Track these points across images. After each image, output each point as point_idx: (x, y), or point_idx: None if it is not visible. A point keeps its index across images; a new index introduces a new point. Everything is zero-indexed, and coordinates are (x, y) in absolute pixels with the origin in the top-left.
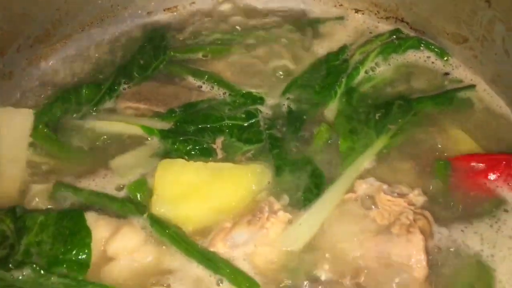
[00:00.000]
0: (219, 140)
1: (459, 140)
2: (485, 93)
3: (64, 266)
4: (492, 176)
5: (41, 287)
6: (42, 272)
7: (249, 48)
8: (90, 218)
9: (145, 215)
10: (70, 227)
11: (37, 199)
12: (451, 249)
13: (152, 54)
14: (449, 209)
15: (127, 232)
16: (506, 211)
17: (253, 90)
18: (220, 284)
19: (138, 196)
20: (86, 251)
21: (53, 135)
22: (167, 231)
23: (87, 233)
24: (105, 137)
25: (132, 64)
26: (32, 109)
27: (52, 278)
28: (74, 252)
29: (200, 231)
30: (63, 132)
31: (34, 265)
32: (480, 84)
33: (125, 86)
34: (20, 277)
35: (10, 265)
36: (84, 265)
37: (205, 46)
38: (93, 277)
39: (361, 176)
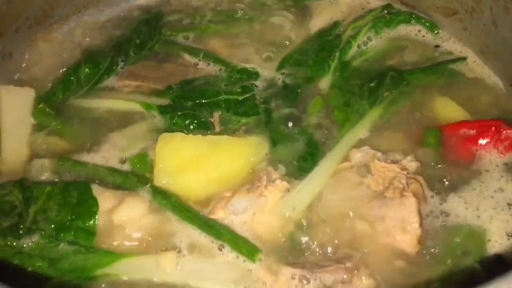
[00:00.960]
0: (216, 114)
1: (450, 109)
2: (475, 64)
3: (72, 233)
4: (482, 141)
5: (50, 253)
6: (50, 238)
7: (243, 25)
8: (95, 190)
9: (147, 186)
10: (76, 196)
11: (41, 173)
12: (442, 212)
13: (148, 34)
14: (440, 175)
15: (131, 202)
16: (487, 171)
17: (248, 66)
18: (222, 249)
19: (140, 168)
20: (93, 219)
21: (54, 113)
22: (169, 200)
23: (94, 202)
24: (105, 114)
25: (128, 44)
26: (33, 89)
27: (61, 244)
28: (81, 220)
29: (201, 202)
30: (64, 111)
31: (43, 232)
32: (469, 55)
33: (123, 65)
34: (30, 244)
35: (20, 232)
36: (91, 233)
37: (200, 24)
38: (100, 246)
39: (356, 146)
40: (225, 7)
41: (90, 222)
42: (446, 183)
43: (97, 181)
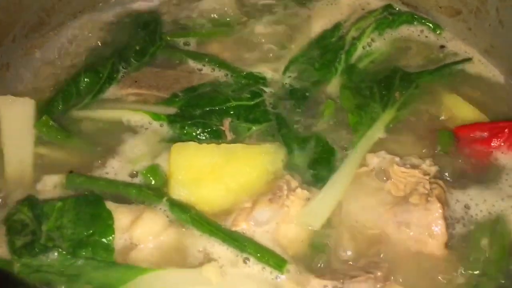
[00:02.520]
0: (227, 122)
1: (461, 110)
2: (480, 63)
3: (90, 248)
4: (495, 143)
5: (68, 270)
6: (68, 255)
7: (247, 27)
8: (110, 206)
9: (164, 200)
10: (89, 211)
11: (50, 189)
12: (464, 215)
13: (148, 39)
14: (457, 177)
15: (149, 217)
16: (504, 171)
17: (254, 70)
18: (247, 262)
19: (153, 181)
20: (109, 233)
21: (57, 125)
22: (188, 214)
23: (108, 215)
24: (111, 125)
25: (128, 50)
26: (32, 100)
27: (79, 261)
28: (97, 234)
29: (219, 213)
30: (67, 123)
31: (60, 249)
32: (474, 55)
33: (124, 72)
34: (47, 261)
35: (36, 250)
36: (109, 247)
37: (201, 28)
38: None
39: (372, 150)
40: (226, 10)
41: (107, 236)
42: (464, 185)
43: (110, 197)
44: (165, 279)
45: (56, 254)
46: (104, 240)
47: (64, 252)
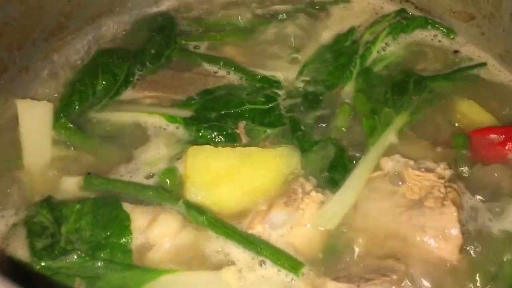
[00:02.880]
0: (241, 125)
1: (475, 115)
2: (494, 68)
3: (108, 250)
4: (510, 147)
5: (87, 272)
6: (87, 258)
7: (260, 31)
8: (127, 208)
9: (180, 202)
10: (107, 213)
11: (69, 191)
12: (479, 218)
13: (163, 42)
14: (472, 181)
15: (165, 218)
16: None
17: (268, 74)
18: (263, 265)
19: (169, 183)
20: (127, 234)
21: (75, 127)
22: (204, 216)
23: (126, 216)
24: (127, 127)
25: (144, 54)
26: (51, 102)
27: (98, 263)
28: (115, 236)
29: (235, 215)
30: (84, 125)
31: (79, 252)
32: (488, 60)
33: (140, 75)
34: (66, 264)
35: (56, 252)
36: (127, 249)
37: (216, 32)
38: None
39: (386, 154)
40: (240, 14)
41: (125, 238)
42: (478, 189)
43: (128, 198)
44: (183, 281)
45: (75, 256)
46: (121, 242)
47: (83, 255)
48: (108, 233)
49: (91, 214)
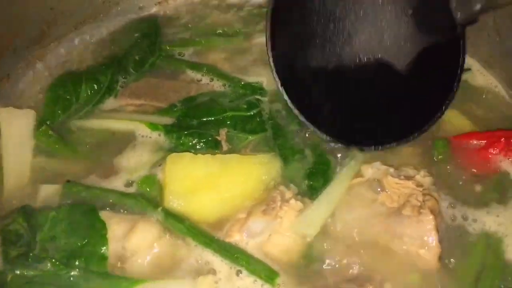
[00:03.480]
0: (223, 132)
1: (457, 121)
2: (479, 73)
3: (83, 259)
4: (492, 153)
5: (61, 282)
6: (61, 266)
7: (245, 37)
8: (105, 216)
9: (159, 209)
10: (83, 221)
11: (47, 199)
12: (458, 226)
13: (148, 49)
14: (453, 188)
15: (143, 227)
16: (506, 184)
17: (251, 81)
18: (240, 275)
19: (149, 191)
20: (103, 242)
21: (57, 135)
22: (182, 224)
23: (102, 225)
24: (108, 135)
25: (127, 61)
26: (33, 109)
27: (73, 271)
28: (90, 245)
29: (214, 223)
30: (66, 132)
31: (53, 260)
32: (474, 65)
33: (123, 83)
34: (41, 273)
35: (30, 260)
36: (103, 258)
37: (200, 38)
38: (114, 273)
39: (367, 161)
40: (225, 19)
41: (101, 246)
42: (460, 196)
43: (106, 206)
44: None
45: (49, 265)
46: (97, 250)
47: (57, 263)
48: (84, 242)
49: (66, 221)
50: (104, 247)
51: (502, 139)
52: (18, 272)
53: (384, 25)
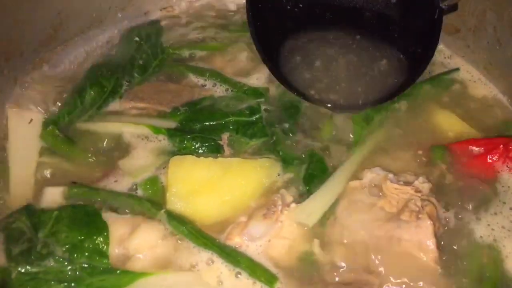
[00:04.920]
0: (225, 136)
1: (456, 127)
2: (479, 81)
3: (86, 253)
4: (490, 159)
5: (66, 277)
6: (65, 262)
7: (248, 42)
8: (108, 217)
9: (162, 212)
10: (85, 218)
11: (52, 200)
12: (457, 232)
13: (151, 53)
14: (451, 194)
15: (146, 228)
16: (504, 191)
17: (254, 85)
18: (239, 276)
19: (151, 193)
20: (103, 238)
21: (63, 137)
22: (184, 227)
23: (103, 224)
24: (113, 138)
25: (132, 65)
26: (39, 112)
27: (76, 266)
28: (92, 240)
29: (215, 225)
30: (71, 134)
31: (57, 257)
32: (472, 72)
33: (127, 86)
34: (44, 268)
35: (33, 257)
36: (104, 253)
37: (204, 43)
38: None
39: (367, 166)
40: (228, 25)
41: (101, 241)
42: (458, 202)
43: (110, 208)
44: (163, 283)
45: (52, 261)
46: (99, 246)
47: (60, 259)
48: (84, 237)
49: (68, 218)
50: (106, 242)
51: (500, 146)
52: (21, 268)
53: None
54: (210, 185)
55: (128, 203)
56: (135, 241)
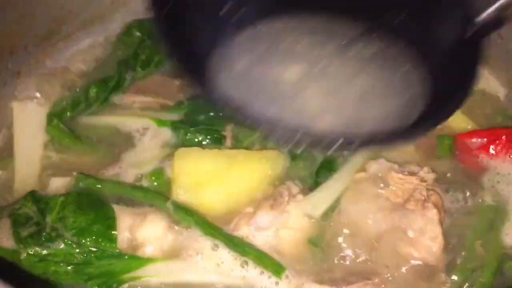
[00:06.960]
0: (229, 128)
1: (458, 120)
2: (481, 75)
3: (93, 237)
4: (493, 150)
5: (74, 259)
6: (72, 244)
7: None
8: (115, 208)
9: (168, 202)
10: (91, 204)
11: (56, 191)
12: (460, 222)
13: (154, 48)
14: (456, 184)
15: (153, 219)
16: (502, 179)
17: None
18: (245, 266)
19: (157, 185)
20: (111, 224)
21: (67, 129)
22: (191, 217)
23: (109, 209)
24: (117, 131)
25: (134, 60)
26: (43, 106)
27: (84, 249)
28: (99, 223)
29: (220, 217)
30: (75, 128)
31: (66, 240)
32: None
33: (130, 81)
34: (53, 251)
35: (43, 239)
36: (112, 239)
37: None
38: None
39: (372, 157)
40: None
41: (109, 225)
42: (462, 192)
43: (116, 199)
44: (170, 268)
45: (62, 243)
46: (106, 231)
47: (69, 242)
48: (91, 221)
49: (74, 204)
50: (113, 226)
51: (503, 137)
52: (31, 250)
53: None
54: (216, 176)
55: (133, 194)
56: (142, 232)
